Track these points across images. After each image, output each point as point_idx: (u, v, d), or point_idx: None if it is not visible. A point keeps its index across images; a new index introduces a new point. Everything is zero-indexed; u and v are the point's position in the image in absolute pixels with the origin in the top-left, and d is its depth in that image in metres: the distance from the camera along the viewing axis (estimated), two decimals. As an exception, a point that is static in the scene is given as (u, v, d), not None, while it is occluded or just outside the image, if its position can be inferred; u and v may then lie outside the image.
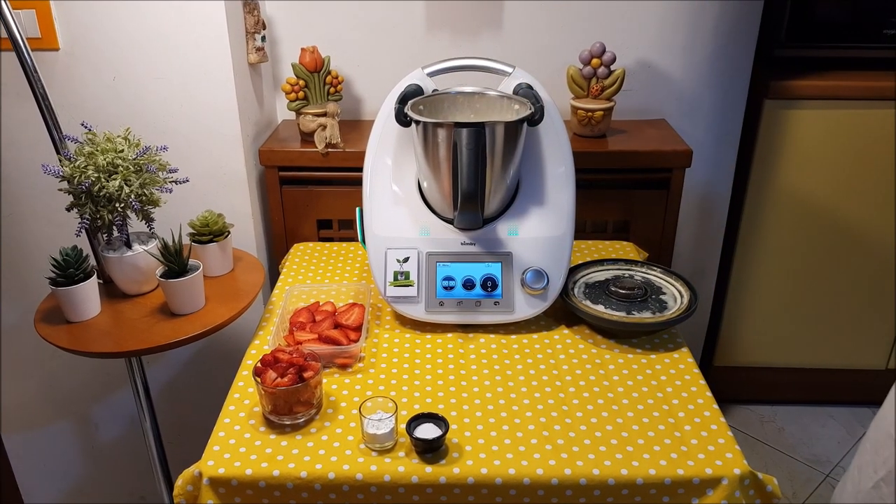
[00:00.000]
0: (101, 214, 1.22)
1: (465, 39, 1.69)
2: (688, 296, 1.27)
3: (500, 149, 1.20)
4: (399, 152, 1.31)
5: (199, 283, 1.27)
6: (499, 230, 1.27)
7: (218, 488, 0.94)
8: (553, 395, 1.08)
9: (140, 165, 1.23)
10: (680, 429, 1.01)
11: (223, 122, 1.52)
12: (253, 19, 1.54)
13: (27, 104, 1.32)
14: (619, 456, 0.96)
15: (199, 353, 1.76)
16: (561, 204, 1.28)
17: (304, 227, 1.66)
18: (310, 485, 0.93)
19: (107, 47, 1.45)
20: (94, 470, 1.95)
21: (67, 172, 1.20)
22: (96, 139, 1.23)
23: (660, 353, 1.19)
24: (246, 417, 1.04)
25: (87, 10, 1.41)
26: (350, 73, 1.74)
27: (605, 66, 1.60)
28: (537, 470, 0.93)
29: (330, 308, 1.27)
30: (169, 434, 1.68)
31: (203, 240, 1.36)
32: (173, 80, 1.48)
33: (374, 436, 0.96)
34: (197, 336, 1.21)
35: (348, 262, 1.51)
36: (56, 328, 1.23)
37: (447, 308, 1.24)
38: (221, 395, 1.09)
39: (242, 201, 1.60)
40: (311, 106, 1.60)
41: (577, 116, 1.63)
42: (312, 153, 1.57)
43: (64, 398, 1.83)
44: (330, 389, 1.10)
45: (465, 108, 1.32)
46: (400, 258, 1.26)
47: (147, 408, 1.41)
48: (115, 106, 1.49)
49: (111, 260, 1.28)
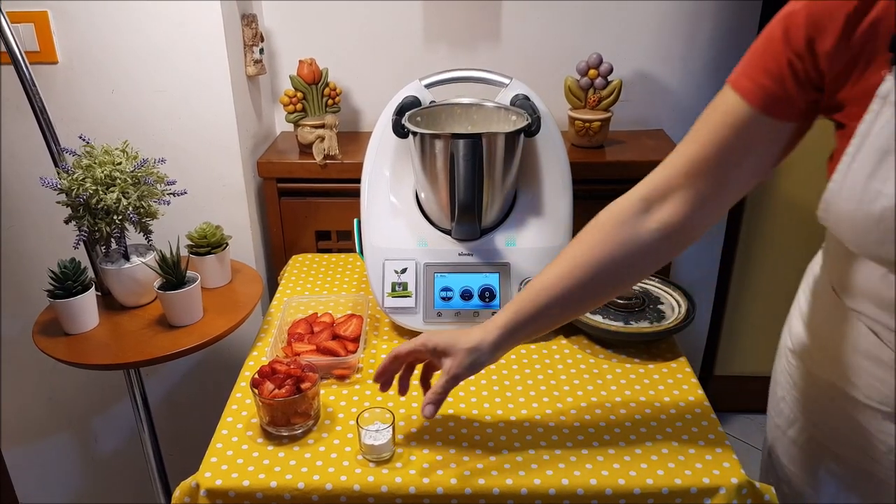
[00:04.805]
0: (100, 227, 1.23)
1: (462, 51, 1.70)
2: (686, 305, 1.27)
3: (498, 160, 1.20)
4: (397, 164, 1.31)
5: (198, 295, 1.27)
6: (496, 241, 1.27)
7: (215, 500, 0.94)
8: (551, 405, 1.08)
9: (138, 178, 1.24)
10: (678, 438, 1.01)
11: (221, 134, 1.52)
12: (251, 32, 1.55)
13: (26, 117, 1.33)
14: (617, 466, 0.95)
15: (197, 365, 1.76)
16: (559, 214, 1.28)
17: (303, 238, 1.66)
18: (307, 496, 0.93)
19: (105, 61, 1.46)
20: (93, 481, 1.94)
21: (65, 185, 1.20)
22: (94, 152, 1.23)
23: (658, 363, 1.19)
24: (244, 429, 1.04)
25: (86, 24, 1.42)
26: (348, 85, 1.75)
27: (602, 77, 1.61)
28: (535, 480, 0.93)
29: (328, 319, 1.27)
30: (167, 445, 1.68)
31: (201, 252, 1.36)
32: (172, 93, 1.48)
33: (371, 447, 0.96)
34: (195, 348, 1.21)
35: (346, 274, 1.51)
36: (55, 340, 1.23)
37: (445, 319, 1.24)
38: (220, 406, 1.09)
39: (241, 213, 1.60)
40: (310, 118, 1.61)
41: (575, 127, 1.64)
42: (311, 165, 1.58)
43: (63, 410, 1.83)
44: (328, 400, 1.10)
45: (462, 120, 1.32)
46: (398, 269, 1.26)
47: (145, 419, 1.41)
48: (114, 119, 1.50)
49: (109, 272, 1.29)
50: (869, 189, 0.71)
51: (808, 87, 0.76)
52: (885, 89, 0.69)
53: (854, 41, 0.71)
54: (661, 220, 0.87)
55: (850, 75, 0.73)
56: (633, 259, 0.88)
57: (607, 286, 0.92)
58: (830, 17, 0.71)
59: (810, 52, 0.74)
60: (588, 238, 0.91)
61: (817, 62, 0.74)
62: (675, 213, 0.86)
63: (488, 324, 0.93)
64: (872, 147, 0.71)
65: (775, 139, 0.81)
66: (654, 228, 0.87)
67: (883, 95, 0.70)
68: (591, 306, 0.97)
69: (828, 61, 0.73)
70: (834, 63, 0.73)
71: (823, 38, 0.72)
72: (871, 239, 0.74)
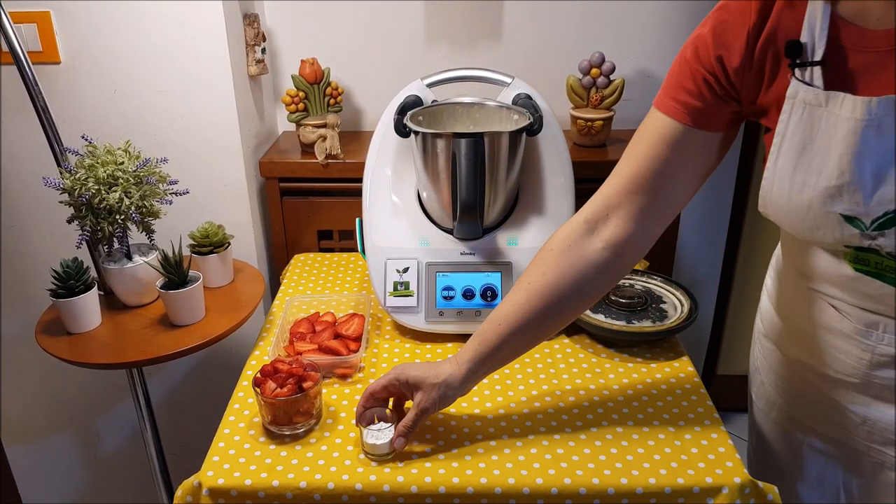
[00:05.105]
0: (102, 226, 1.23)
1: (464, 50, 1.70)
2: (688, 304, 1.27)
3: (500, 159, 1.20)
4: (399, 163, 1.31)
5: (200, 295, 1.27)
6: (498, 240, 1.27)
7: (217, 499, 0.94)
8: (553, 404, 1.08)
9: (140, 177, 1.24)
10: (680, 438, 1.00)
11: (224, 134, 1.52)
12: (253, 32, 1.55)
13: (28, 117, 1.33)
14: (619, 465, 0.95)
15: (199, 364, 1.77)
16: (561, 213, 1.28)
17: (305, 237, 1.66)
18: (309, 495, 0.93)
19: (107, 61, 1.46)
20: (96, 480, 1.95)
21: (68, 185, 1.20)
22: (97, 151, 1.24)
23: (660, 363, 1.18)
24: (246, 428, 1.04)
25: (88, 24, 1.43)
26: (350, 85, 1.75)
27: (604, 76, 1.61)
28: (537, 479, 0.93)
29: (330, 318, 1.27)
30: (170, 444, 1.69)
31: (203, 251, 1.36)
32: (174, 93, 1.49)
33: (374, 445, 0.96)
34: (197, 347, 1.21)
35: (348, 273, 1.51)
36: (57, 340, 1.24)
37: (447, 318, 1.24)
38: (222, 405, 1.09)
39: (243, 212, 1.61)
40: (312, 117, 1.61)
41: (577, 126, 1.64)
42: (313, 164, 1.58)
43: (66, 409, 1.83)
44: (330, 400, 1.10)
45: (464, 119, 1.32)
46: (400, 268, 1.26)
47: (148, 418, 1.41)
48: (116, 119, 1.50)
49: (112, 271, 1.29)
50: (795, 181, 0.79)
51: (725, 99, 0.84)
52: (792, 91, 0.77)
53: (757, 54, 0.80)
54: (606, 239, 0.92)
55: (760, 85, 0.81)
56: (585, 280, 0.93)
57: (565, 310, 0.95)
58: (734, 36, 0.80)
59: (721, 68, 0.82)
60: (540, 266, 0.95)
61: (728, 77, 0.82)
62: (618, 230, 0.91)
63: (456, 357, 0.97)
64: (791, 143, 0.78)
65: (704, 150, 0.88)
66: (601, 248, 0.92)
67: (791, 96, 0.77)
68: (553, 330, 1.00)
69: (737, 76, 0.82)
70: (744, 77, 0.81)
71: (730, 56, 0.81)
72: (806, 226, 0.80)
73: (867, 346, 0.86)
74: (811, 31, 0.76)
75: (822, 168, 0.76)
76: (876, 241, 0.76)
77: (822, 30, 0.75)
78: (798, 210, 0.80)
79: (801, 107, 0.77)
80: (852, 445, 0.94)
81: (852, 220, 0.76)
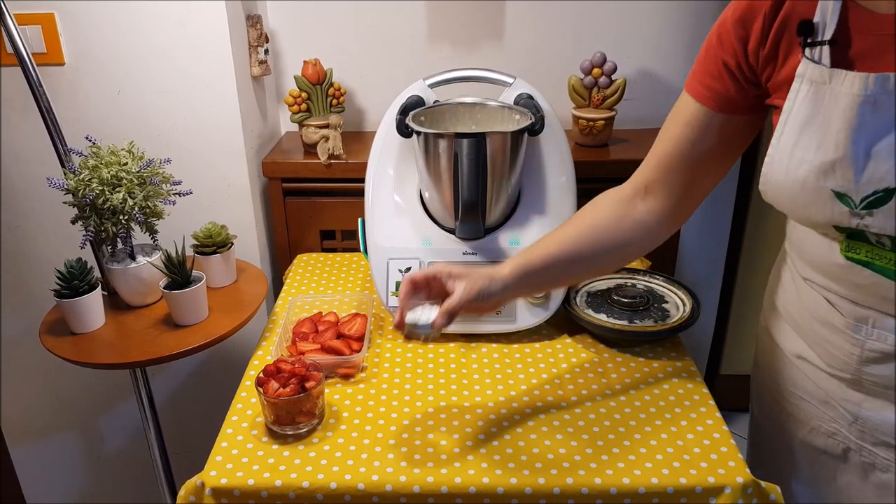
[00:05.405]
0: (106, 227, 1.23)
1: (465, 50, 1.71)
2: (690, 304, 1.27)
3: (501, 159, 1.20)
4: (401, 163, 1.31)
5: (203, 295, 1.28)
6: (500, 240, 1.27)
7: (220, 499, 0.94)
8: (555, 403, 1.08)
9: (144, 178, 1.25)
10: (683, 437, 1.01)
11: (226, 134, 1.53)
12: (256, 33, 1.55)
13: (33, 118, 1.34)
14: (622, 465, 0.95)
15: (202, 364, 1.77)
16: (563, 213, 1.28)
17: (308, 237, 1.66)
18: (312, 495, 0.93)
19: (111, 62, 1.46)
20: (99, 480, 1.95)
21: (72, 185, 1.21)
22: (100, 152, 1.24)
23: (662, 362, 1.19)
24: (248, 428, 1.04)
25: (92, 25, 1.43)
26: (352, 85, 1.75)
27: (606, 76, 1.61)
28: (539, 479, 0.93)
29: (333, 318, 1.27)
30: (173, 444, 1.69)
31: (206, 251, 1.37)
32: (177, 94, 1.49)
33: (415, 323, 0.92)
34: (200, 347, 1.22)
35: (351, 273, 1.51)
36: (61, 340, 1.24)
37: (449, 318, 1.24)
38: (225, 405, 1.10)
39: (246, 213, 1.61)
40: (314, 118, 1.62)
41: (579, 126, 1.64)
42: (315, 165, 1.58)
43: (69, 409, 1.84)
44: (332, 399, 1.10)
45: (466, 119, 1.32)
46: (402, 268, 1.26)
47: (151, 418, 1.41)
48: (120, 120, 1.51)
49: (115, 272, 1.29)
50: (794, 157, 0.81)
51: (746, 84, 0.88)
52: (801, 69, 0.79)
53: (772, 35, 0.82)
54: (648, 210, 0.99)
55: (774, 64, 0.84)
56: (629, 234, 0.99)
57: (607, 256, 1.01)
58: (753, 17, 0.83)
59: (743, 51, 0.85)
60: (591, 209, 1.02)
61: (748, 59, 0.85)
62: (658, 204, 0.98)
63: (499, 265, 0.98)
64: (795, 120, 0.80)
65: (730, 132, 0.92)
66: (645, 212, 0.99)
67: (800, 74, 0.80)
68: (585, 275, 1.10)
69: (755, 57, 0.85)
70: (760, 57, 0.84)
71: (750, 39, 0.84)
72: (800, 203, 0.82)
73: (857, 341, 0.87)
74: (823, 11, 0.78)
75: (821, 143, 0.78)
76: (864, 220, 0.77)
77: (834, 11, 0.77)
78: (794, 185, 0.81)
79: (808, 84, 0.79)
80: (845, 444, 0.95)
81: (842, 197, 0.78)
